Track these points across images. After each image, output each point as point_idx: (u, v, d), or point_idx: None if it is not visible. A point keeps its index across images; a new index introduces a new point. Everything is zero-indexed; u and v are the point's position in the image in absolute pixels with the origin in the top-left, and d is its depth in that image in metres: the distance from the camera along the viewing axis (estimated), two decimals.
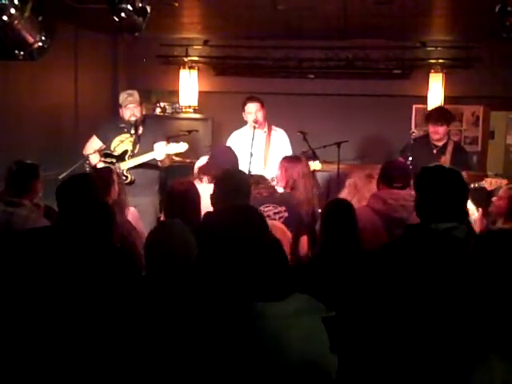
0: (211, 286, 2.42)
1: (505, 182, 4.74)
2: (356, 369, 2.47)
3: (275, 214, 3.76)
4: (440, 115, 5.10)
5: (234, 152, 4.26)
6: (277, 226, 3.31)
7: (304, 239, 3.78)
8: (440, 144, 5.08)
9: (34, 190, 3.56)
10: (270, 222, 3.43)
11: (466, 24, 5.49)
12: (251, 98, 4.97)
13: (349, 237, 2.96)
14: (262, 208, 3.68)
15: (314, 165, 4.69)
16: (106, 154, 4.96)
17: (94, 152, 4.92)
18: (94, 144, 5.05)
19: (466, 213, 2.70)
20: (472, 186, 4.50)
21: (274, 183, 4.29)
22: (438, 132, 5.03)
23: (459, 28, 5.84)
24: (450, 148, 5.05)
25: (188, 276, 2.42)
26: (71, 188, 2.70)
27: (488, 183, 4.69)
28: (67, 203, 2.66)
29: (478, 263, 2.25)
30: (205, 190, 3.57)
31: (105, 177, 3.76)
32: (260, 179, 4.09)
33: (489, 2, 3.87)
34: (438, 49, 6.69)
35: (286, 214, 3.75)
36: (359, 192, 3.86)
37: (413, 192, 3.63)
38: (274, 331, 2.12)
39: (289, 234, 3.29)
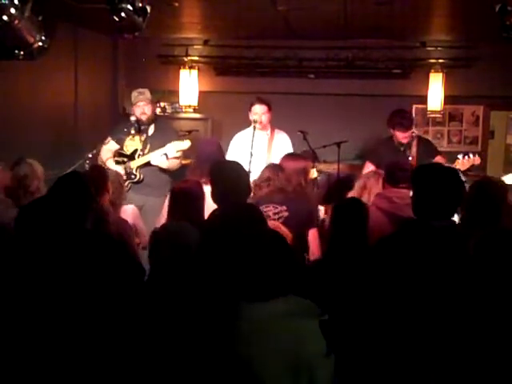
0: (202, 285, 2.42)
1: (477, 159, 4.66)
2: (362, 367, 2.47)
3: (275, 214, 3.74)
4: (409, 123, 5.09)
5: (216, 143, 4.29)
6: (273, 226, 3.28)
7: (312, 233, 3.76)
8: (405, 142, 5.11)
9: None
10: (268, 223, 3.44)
11: (465, 24, 5.49)
12: (259, 100, 4.93)
13: (358, 236, 2.93)
14: (261, 208, 3.66)
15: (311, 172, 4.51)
16: (118, 153, 5.11)
17: (111, 156, 5.04)
18: (110, 146, 5.17)
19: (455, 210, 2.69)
20: None
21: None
22: (406, 137, 5.04)
23: (459, 28, 5.83)
24: (414, 142, 5.09)
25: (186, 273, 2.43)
26: (64, 185, 2.72)
27: (460, 164, 4.64)
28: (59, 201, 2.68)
29: (482, 263, 2.25)
30: None
31: (97, 175, 3.74)
32: (272, 174, 3.96)
33: (489, 2, 3.87)
34: (438, 49, 6.68)
35: (286, 214, 3.72)
36: (368, 191, 3.86)
37: None
38: (252, 332, 2.04)
39: (287, 234, 3.23)
